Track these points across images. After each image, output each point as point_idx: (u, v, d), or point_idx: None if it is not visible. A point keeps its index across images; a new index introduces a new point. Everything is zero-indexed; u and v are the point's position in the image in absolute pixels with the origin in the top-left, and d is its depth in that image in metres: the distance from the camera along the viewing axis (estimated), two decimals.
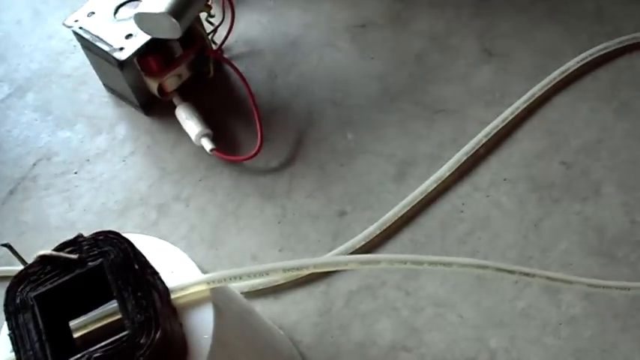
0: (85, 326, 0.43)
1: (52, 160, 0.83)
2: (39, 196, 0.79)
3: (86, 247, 0.44)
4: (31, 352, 0.41)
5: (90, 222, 0.75)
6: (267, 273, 0.48)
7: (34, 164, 0.83)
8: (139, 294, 0.42)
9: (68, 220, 0.76)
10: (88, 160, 0.82)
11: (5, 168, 0.83)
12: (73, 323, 0.43)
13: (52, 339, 0.42)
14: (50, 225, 0.76)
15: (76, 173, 0.81)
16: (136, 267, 0.43)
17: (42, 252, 0.44)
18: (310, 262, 0.50)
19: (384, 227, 0.71)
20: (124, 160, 0.80)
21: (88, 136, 0.84)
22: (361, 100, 0.80)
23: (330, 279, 0.69)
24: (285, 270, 0.49)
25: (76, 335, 0.42)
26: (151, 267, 0.44)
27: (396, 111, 0.79)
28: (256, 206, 0.74)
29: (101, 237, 0.44)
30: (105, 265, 0.43)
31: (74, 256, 0.43)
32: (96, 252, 0.44)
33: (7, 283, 0.43)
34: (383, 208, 0.72)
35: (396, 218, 0.71)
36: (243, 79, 0.79)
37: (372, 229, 0.70)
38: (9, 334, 0.42)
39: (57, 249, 0.44)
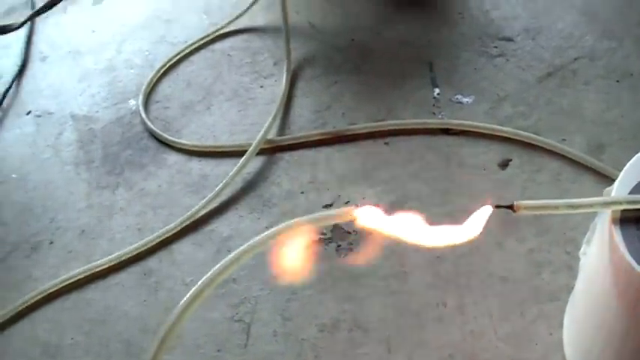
0: None
1: (595, 63, 0.93)
2: (577, 88, 0.90)
3: None
4: None
5: None
6: None
7: (576, 59, 0.94)
8: None
9: (604, 119, 0.86)
10: (632, 74, 0.91)
11: (545, 52, 0.96)
12: None
13: None
14: (584, 116, 0.87)
15: (617, 81, 0.90)
16: None
17: None
18: None
19: None
20: None
21: (635, 53, 0.93)
22: None
23: None
24: None
25: None
26: None
27: None
28: None
29: None
30: None
31: None
32: None
33: None
34: None
35: None
36: None
37: None
38: None
39: None
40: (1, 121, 0.97)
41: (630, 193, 0.57)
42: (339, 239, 0.76)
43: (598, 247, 0.60)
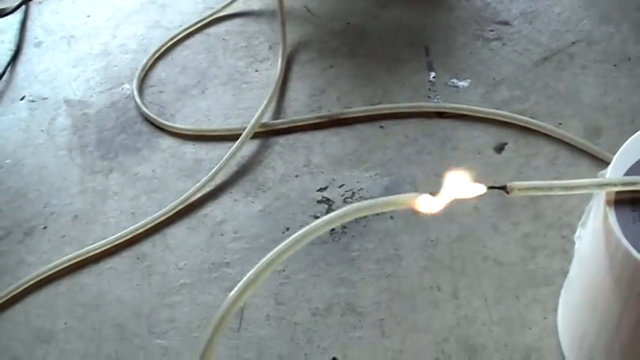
0: None
1: (592, 48, 0.92)
2: (574, 72, 0.90)
3: None
4: None
5: None
6: None
7: (573, 43, 0.94)
8: None
9: (601, 103, 0.86)
10: (630, 59, 0.90)
11: (542, 36, 0.96)
12: None
13: None
14: (581, 100, 0.86)
15: (615, 66, 0.90)
16: None
17: None
18: None
19: None
20: None
21: (633, 38, 0.92)
22: None
23: None
24: None
25: None
26: None
27: None
28: None
29: None
30: None
31: None
32: None
33: None
34: None
35: None
36: None
37: None
38: None
39: None
40: None
41: (625, 175, 0.57)
42: None
43: (592, 230, 0.60)
